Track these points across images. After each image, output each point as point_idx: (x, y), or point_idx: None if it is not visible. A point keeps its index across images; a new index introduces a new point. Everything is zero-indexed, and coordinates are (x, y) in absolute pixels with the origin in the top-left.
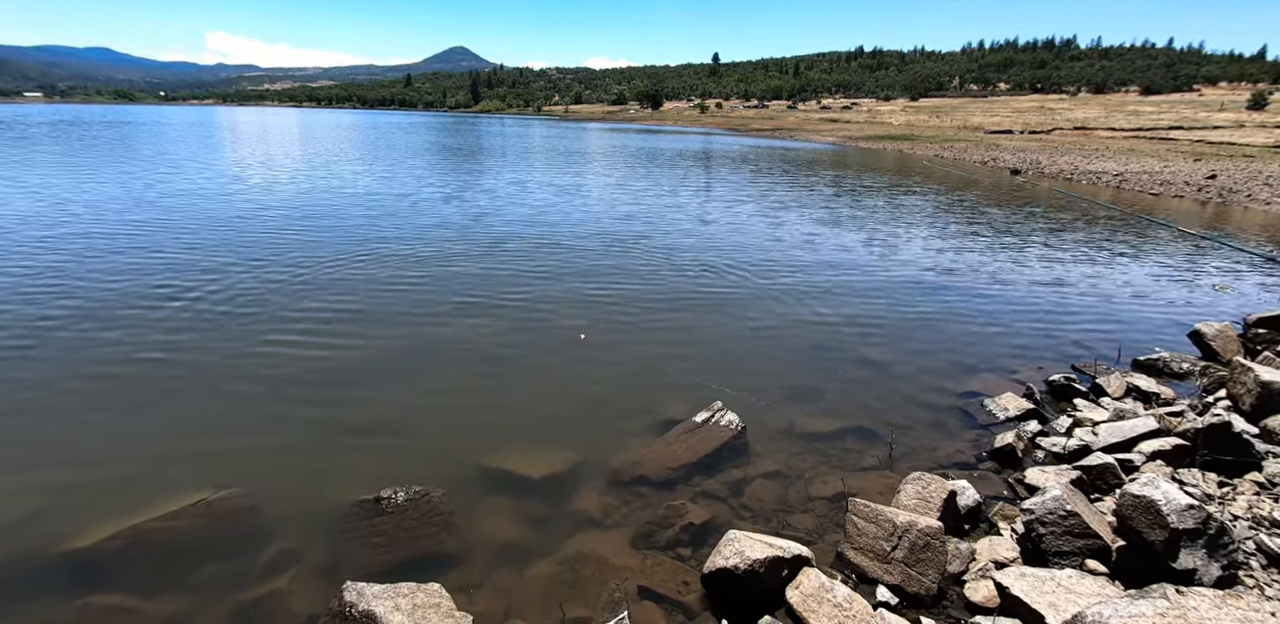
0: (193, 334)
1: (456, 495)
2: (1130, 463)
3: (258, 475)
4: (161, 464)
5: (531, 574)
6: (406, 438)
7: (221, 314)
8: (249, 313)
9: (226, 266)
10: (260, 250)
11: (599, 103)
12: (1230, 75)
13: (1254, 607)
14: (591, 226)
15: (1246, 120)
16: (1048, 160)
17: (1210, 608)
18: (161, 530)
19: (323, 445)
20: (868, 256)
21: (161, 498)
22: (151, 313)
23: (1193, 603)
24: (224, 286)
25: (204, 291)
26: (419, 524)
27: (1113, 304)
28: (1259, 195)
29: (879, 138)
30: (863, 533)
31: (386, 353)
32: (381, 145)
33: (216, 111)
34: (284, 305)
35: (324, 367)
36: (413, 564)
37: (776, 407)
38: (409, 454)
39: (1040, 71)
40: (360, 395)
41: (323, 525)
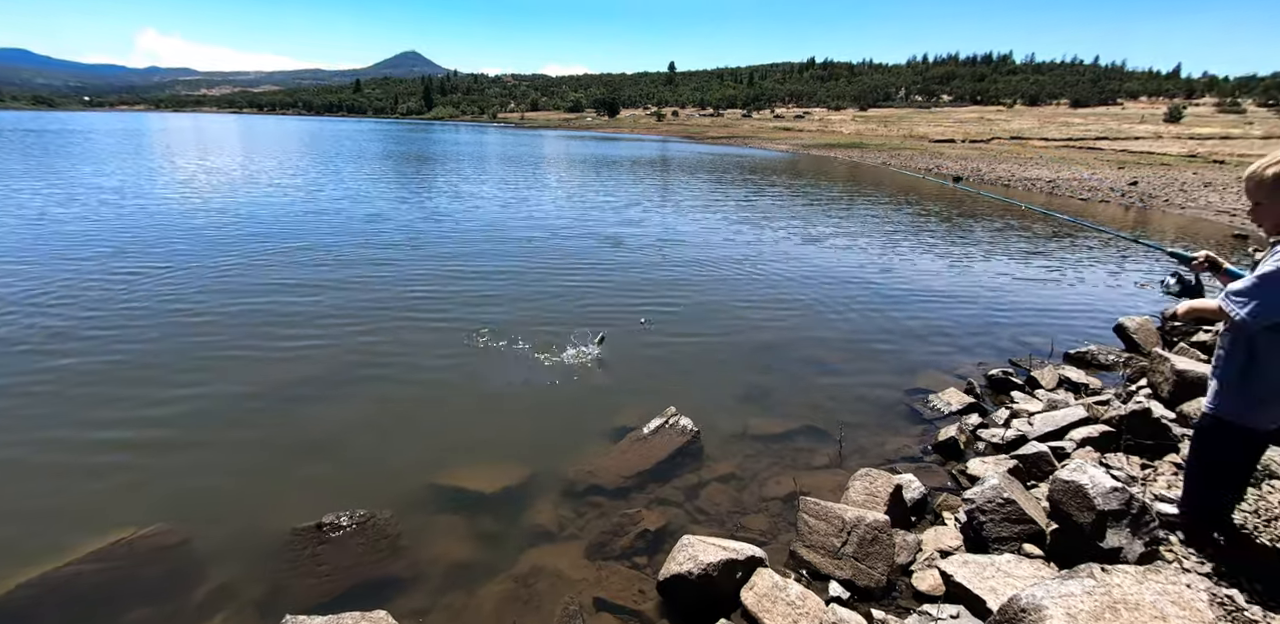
0: (106, 356)
1: (405, 516)
2: (1062, 450)
3: (186, 508)
4: (76, 500)
5: (484, 593)
6: (349, 459)
7: (140, 334)
8: (170, 332)
9: (137, 285)
10: (178, 269)
11: (555, 110)
12: (1149, 90)
13: (1171, 580)
14: (543, 234)
15: (1163, 132)
16: (987, 168)
17: (1132, 584)
18: (80, 575)
19: (257, 471)
20: (817, 260)
21: (78, 538)
22: (56, 337)
23: (1116, 580)
24: (139, 306)
25: (116, 311)
26: (365, 549)
27: (1046, 301)
28: (1174, 200)
29: (830, 146)
30: (814, 530)
31: (324, 370)
32: (328, 153)
33: (147, 118)
34: (210, 324)
35: (256, 387)
36: (358, 592)
37: (730, 410)
38: (352, 476)
39: (980, 84)
40: (297, 416)
41: (260, 558)
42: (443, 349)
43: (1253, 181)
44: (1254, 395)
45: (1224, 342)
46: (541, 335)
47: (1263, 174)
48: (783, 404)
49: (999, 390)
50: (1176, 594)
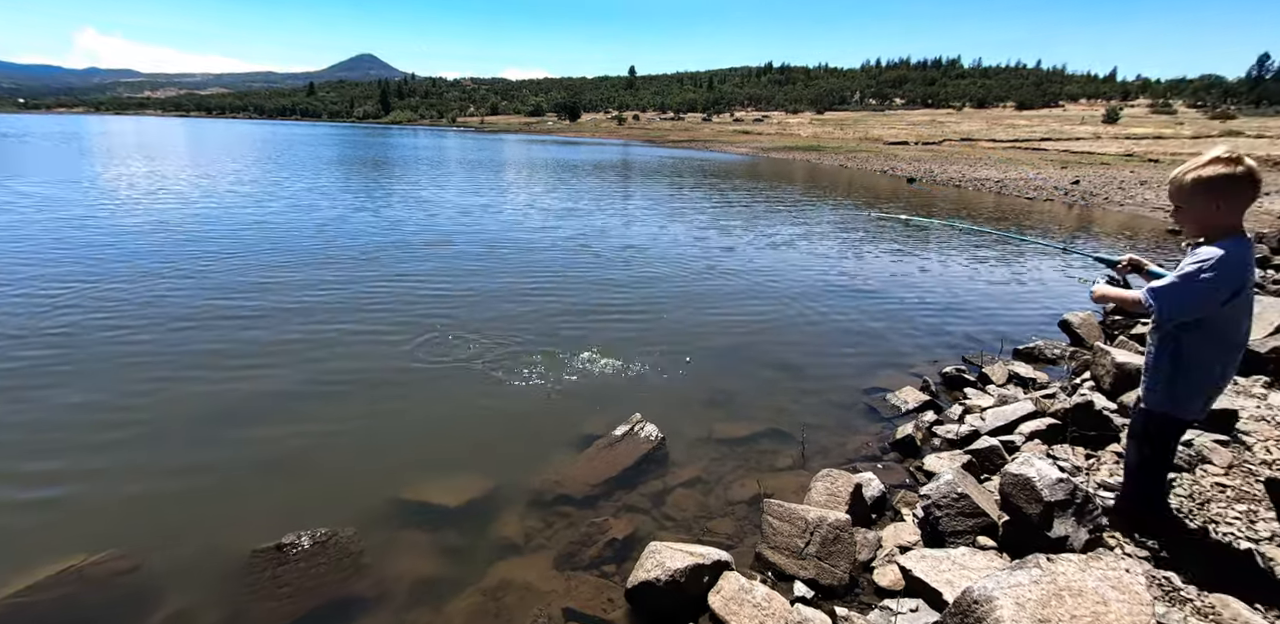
0: (43, 380)
1: (368, 533)
2: (1012, 443)
3: (139, 533)
4: (19, 530)
5: (451, 609)
6: (309, 477)
7: (85, 350)
8: (108, 353)
9: (65, 302)
10: (114, 284)
11: (516, 114)
12: (1088, 93)
13: (1111, 566)
14: (505, 242)
15: (1102, 133)
16: (939, 169)
17: (1076, 571)
18: (25, 606)
19: (213, 493)
20: (779, 263)
21: (23, 568)
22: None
23: (1061, 568)
24: (69, 327)
25: (58, 326)
26: (327, 569)
27: (998, 299)
28: (1114, 198)
29: (789, 148)
30: (778, 532)
31: (278, 388)
32: (281, 158)
33: (86, 121)
34: (153, 344)
35: (208, 408)
36: (321, 613)
37: (695, 414)
38: (312, 494)
39: (930, 88)
40: (253, 436)
41: (218, 581)
42: (402, 363)
43: (1174, 186)
44: (1181, 389)
45: (1153, 338)
46: (504, 346)
47: (1183, 179)
48: (747, 407)
49: (953, 387)
50: (1116, 579)
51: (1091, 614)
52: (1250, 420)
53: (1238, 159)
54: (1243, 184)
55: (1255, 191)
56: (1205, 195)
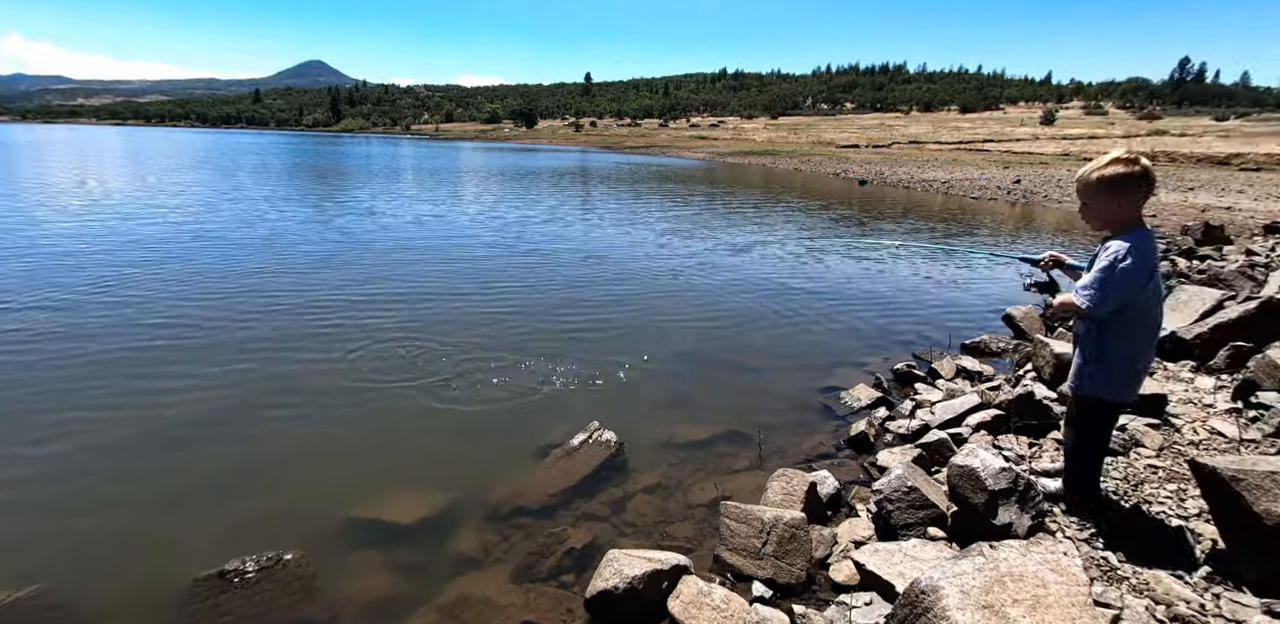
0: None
1: (317, 555)
2: (960, 436)
3: (68, 566)
4: None
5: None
6: (253, 499)
7: (13, 370)
8: (38, 374)
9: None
10: (37, 301)
11: (471, 121)
12: (1026, 96)
13: (1050, 550)
14: (460, 252)
15: (1040, 133)
16: (889, 171)
17: (1017, 557)
18: None
19: (149, 519)
20: (735, 266)
21: None
22: None
23: (1003, 555)
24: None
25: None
26: (274, 594)
27: (945, 296)
28: (1052, 196)
29: (745, 153)
30: (735, 534)
31: (220, 408)
32: (225, 168)
33: (11, 130)
34: (86, 364)
35: (144, 431)
36: None
37: (653, 419)
38: (257, 517)
39: (879, 93)
40: (192, 459)
41: (156, 613)
42: (350, 379)
43: (1081, 185)
44: (1111, 372)
45: (1079, 327)
46: (457, 358)
47: (1088, 177)
48: (705, 411)
49: (904, 383)
50: (1055, 562)
51: (1032, 597)
52: (1178, 403)
53: (1134, 159)
54: (1139, 181)
55: (1150, 188)
56: (1108, 193)
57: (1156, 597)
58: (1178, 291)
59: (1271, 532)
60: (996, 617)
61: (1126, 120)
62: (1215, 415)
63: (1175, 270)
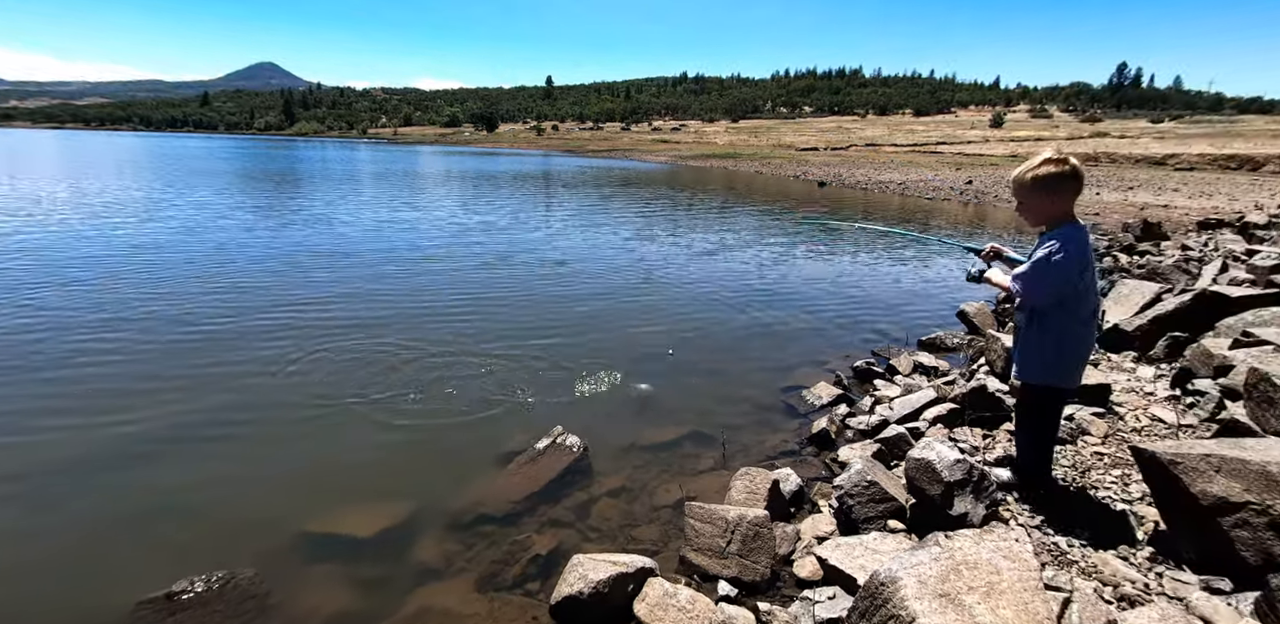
0: None
1: (272, 573)
2: (918, 430)
3: (4, 589)
4: None
5: None
6: (202, 516)
7: None
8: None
9: None
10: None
11: (431, 125)
12: (976, 100)
13: (1003, 537)
14: (419, 257)
15: (990, 136)
16: (847, 173)
17: (971, 545)
18: None
19: (89, 543)
20: (698, 268)
21: None
22: None
23: (958, 544)
24: None
25: None
26: (226, 615)
27: (903, 294)
28: (1003, 195)
29: (707, 156)
30: (700, 534)
31: (164, 422)
32: (171, 173)
33: None
34: (15, 384)
35: (78, 449)
36: None
37: (618, 422)
38: (206, 536)
39: (836, 97)
40: (135, 475)
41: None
42: (305, 390)
43: (1016, 184)
44: (1053, 359)
45: (1019, 319)
46: (417, 366)
47: (1023, 178)
48: (670, 412)
49: (864, 380)
50: (1008, 549)
51: (986, 584)
52: (1122, 393)
53: (1064, 159)
54: (1069, 180)
55: (1080, 185)
56: (1042, 191)
57: (1104, 578)
58: (1119, 286)
59: (1207, 511)
60: (953, 605)
61: (1070, 123)
62: (1156, 403)
63: (1117, 265)
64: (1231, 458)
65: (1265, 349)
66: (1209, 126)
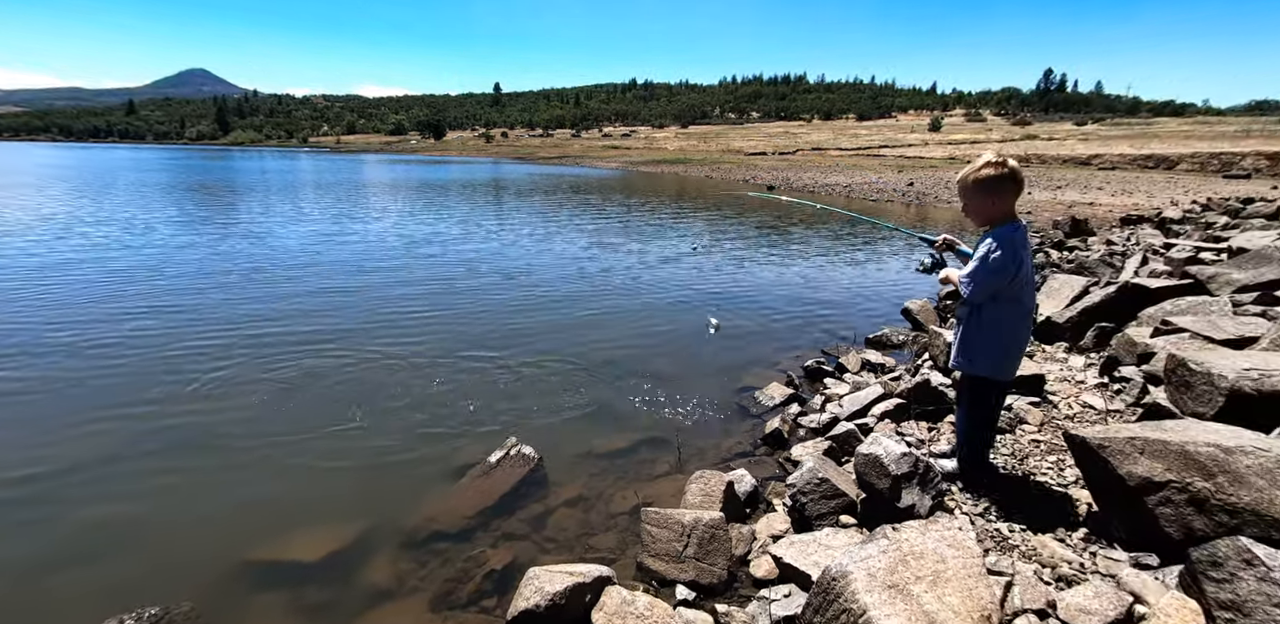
0: None
1: (211, 604)
2: (867, 426)
3: None
4: None
5: None
6: (135, 550)
7: None
8: None
9: None
10: None
11: (375, 133)
12: (915, 105)
13: (946, 527)
14: (362, 270)
15: (929, 139)
16: (795, 177)
17: (917, 536)
18: None
19: (18, 581)
20: (649, 274)
21: None
22: None
23: (905, 536)
24: None
25: None
26: None
27: (849, 293)
28: (942, 196)
29: (657, 162)
30: (656, 539)
31: (94, 446)
32: (91, 187)
33: None
34: None
35: (8, 477)
36: None
37: (573, 431)
38: (142, 569)
39: (782, 102)
40: (63, 508)
41: None
42: (245, 411)
43: (960, 186)
44: (992, 352)
45: (960, 313)
46: (361, 381)
47: (966, 180)
48: (625, 419)
49: (815, 379)
50: (952, 538)
51: (933, 572)
52: (1055, 382)
53: (1003, 162)
54: (1009, 181)
55: (1019, 186)
56: (984, 192)
57: (1043, 560)
58: (1051, 280)
59: (1134, 491)
60: (901, 595)
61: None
62: (1086, 390)
63: (1049, 261)
64: (1153, 440)
65: (1182, 336)
66: (1128, 129)
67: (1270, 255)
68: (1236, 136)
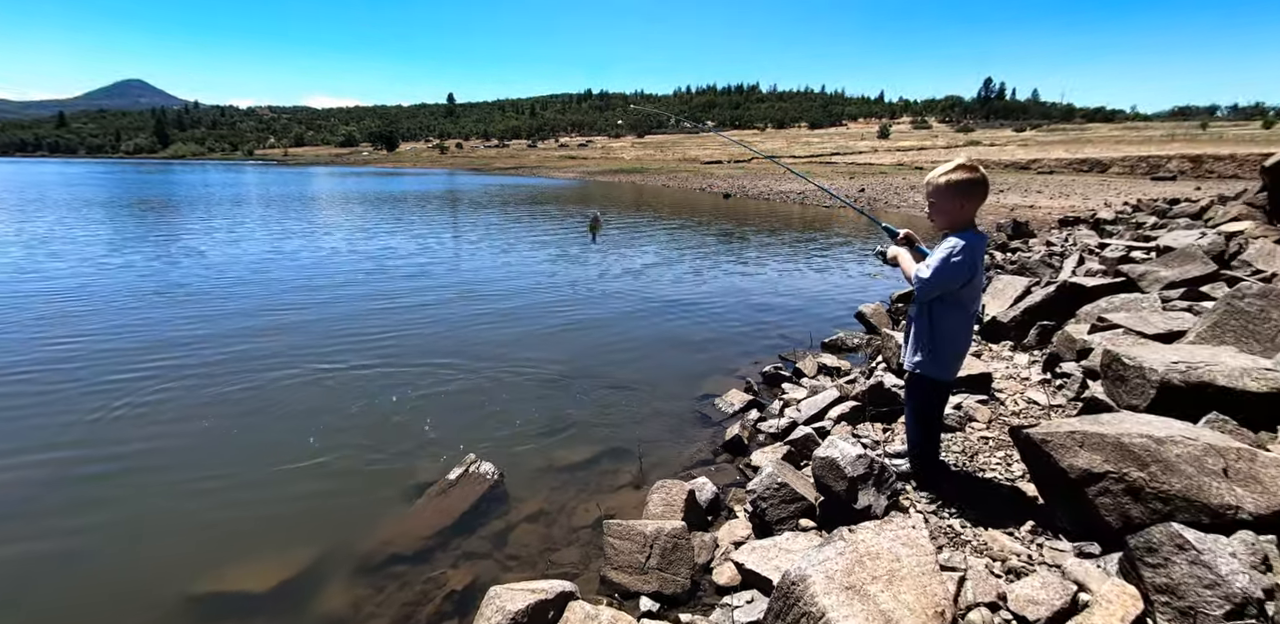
0: None
1: None
2: (824, 429)
3: None
4: None
5: None
6: (71, 589)
7: None
8: None
9: None
10: None
11: (325, 145)
12: (864, 113)
13: (900, 526)
14: (305, 285)
15: (878, 146)
16: (750, 184)
17: (872, 537)
18: None
19: None
20: (605, 284)
21: None
22: None
23: (861, 537)
24: None
25: None
26: None
27: (805, 298)
28: (892, 202)
29: (614, 171)
30: (619, 551)
31: (23, 479)
32: (10, 204)
33: None
34: None
35: None
36: None
37: (533, 446)
38: (78, 610)
39: (736, 111)
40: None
41: None
42: (188, 436)
43: (930, 187)
44: (940, 353)
45: (911, 311)
46: (312, 401)
47: (935, 181)
48: (586, 430)
49: (773, 384)
50: (906, 537)
51: (888, 572)
52: (1002, 379)
53: (975, 167)
54: (980, 186)
55: (986, 192)
56: (954, 195)
57: (993, 554)
58: (996, 281)
59: (1076, 483)
60: (859, 595)
61: (947, 133)
62: (1031, 387)
63: (994, 263)
64: (1091, 433)
65: (1117, 332)
66: (1064, 134)
67: (1193, 253)
68: (1162, 141)
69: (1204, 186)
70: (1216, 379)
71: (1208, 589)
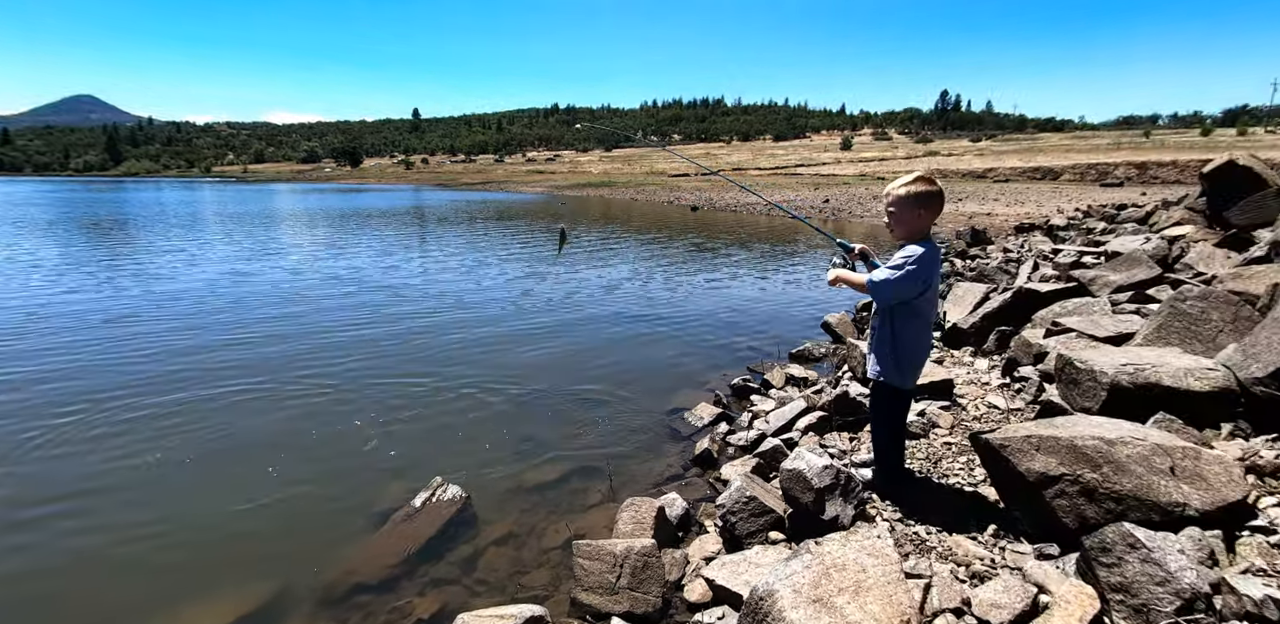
0: None
1: None
2: (792, 440)
3: None
4: None
5: None
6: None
7: None
8: None
9: None
10: None
11: (287, 161)
12: (827, 125)
13: (865, 536)
14: (267, 302)
15: (841, 158)
16: (717, 197)
17: (838, 548)
18: None
19: None
20: (573, 299)
21: None
22: None
23: (827, 548)
24: None
25: None
26: None
27: (772, 309)
28: (856, 212)
29: (583, 185)
30: (589, 572)
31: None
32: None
33: None
34: None
35: None
36: None
37: (501, 467)
38: None
39: (702, 125)
40: None
41: None
42: (139, 464)
43: (891, 198)
44: (902, 361)
45: (874, 320)
46: (270, 427)
47: (895, 192)
48: (554, 449)
49: (742, 396)
50: (871, 546)
51: (854, 583)
52: (963, 385)
53: (932, 179)
54: (937, 198)
55: (943, 203)
56: (913, 206)
57: (958, 559)
58: (955, 288)
59: (1033, 486)
60: (826, 608)
61: (907, 144)
62: (991, 391)
63: (954, 269)
64: (1047, 436)
65: (1070, 335)
66: (1017, 144)
67: (1139, 258)
68: (1110, 148)
69: (1149, 191)
70: (1163, 380)
71: (1159, 586)
